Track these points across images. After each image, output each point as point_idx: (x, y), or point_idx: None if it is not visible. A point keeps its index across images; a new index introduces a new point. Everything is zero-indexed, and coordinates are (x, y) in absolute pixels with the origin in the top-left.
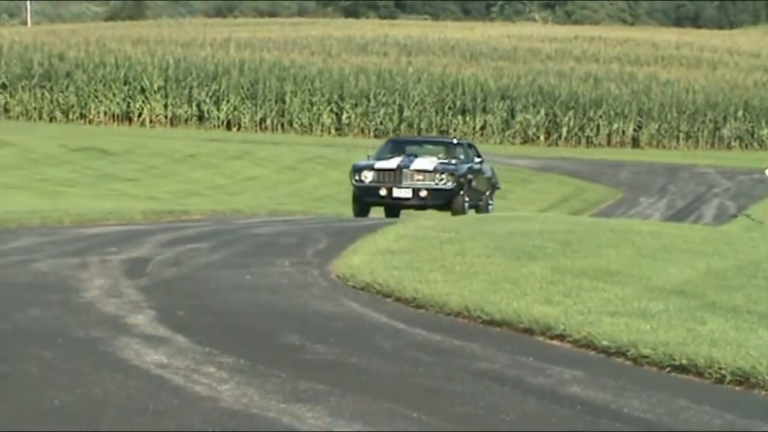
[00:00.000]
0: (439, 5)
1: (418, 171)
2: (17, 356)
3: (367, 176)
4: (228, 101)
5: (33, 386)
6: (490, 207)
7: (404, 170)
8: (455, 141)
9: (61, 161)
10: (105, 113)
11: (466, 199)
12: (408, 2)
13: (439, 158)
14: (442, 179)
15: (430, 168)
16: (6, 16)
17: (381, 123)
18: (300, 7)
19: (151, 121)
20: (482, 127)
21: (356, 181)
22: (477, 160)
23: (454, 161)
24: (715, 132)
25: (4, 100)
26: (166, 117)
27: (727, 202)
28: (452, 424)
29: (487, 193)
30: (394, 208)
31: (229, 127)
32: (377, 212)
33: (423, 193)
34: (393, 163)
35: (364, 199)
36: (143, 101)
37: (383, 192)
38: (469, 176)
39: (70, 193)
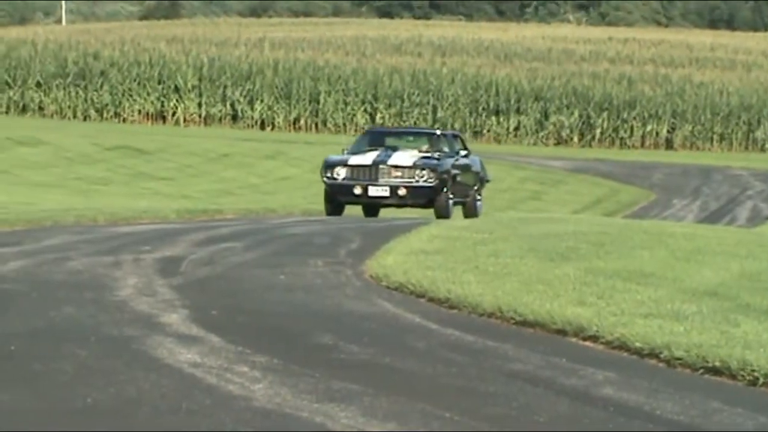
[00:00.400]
0: (473, 6)
1: (396, 167)
2: (51, 354)
3: (340, 173)
4: (262, 101)
5: (66, 384)
6: (478, 203)
7: (381, 166)
8: (438, 132)
9: (95, 160)
10: (139, 112)
11: (450, 196)
12: (442, 3)
13: (420, 152)
14: (422, 176)
15: (409, 163)
16: (41, 15)
17: (415, 123)
18: (334, 8)
19: (185, 120)
20: (516, 128)
21: (328, 178)
22: (463, 153)
23: (437, 155)
24: (749, 134)
25: (39, 98)
26: (200, 116)
27: (761, 204)
28: (485, 424)
29: (475, 188)
30: (371, 207)
31: (262, 126)
32: (354, 210)
33: (402, 192)
34: (368, 158)
35: (337, 198)
36: (177, 100)
37: (358, 190)
38: (454, 171)
39: (104, 192)
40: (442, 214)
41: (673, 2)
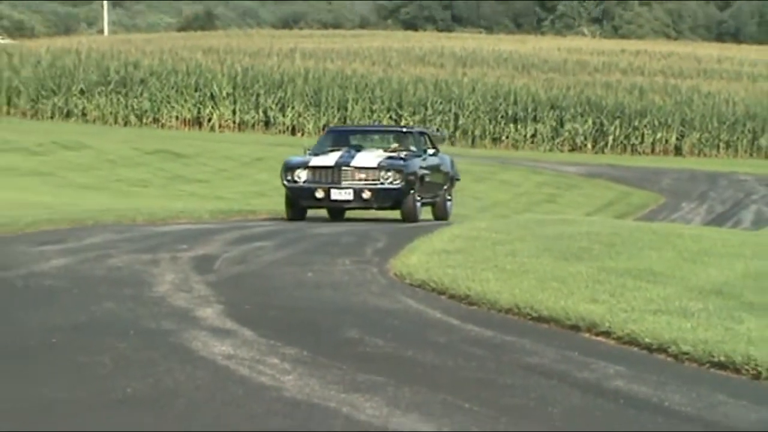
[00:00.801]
0: (492, 19)
1: (360, 168)
2: (93, 347)
3: (301, 175)
4: (293, 108)
5: (107, 375)
6: (448, 203)
7: (344, 168)
8: (405, 129)
9: (135, 163)
10: (177, 118)
11: (418, 198)
12: (464, 15)
13: (387, 151)
14: (388, 177)
15: (374, 164)
16: (85, 26)
17: (438, 130)
18: (362, 20)
19: (220, 126)
20: (533, 135)
21: (288, 181)
22: (431, 151)
23: (404, 154)
24: (753, 141)
25: (82, 104)
26: (234, 122)
27: (764, 208)
28: (503, 415)
29: (445, 188)
30: (335, 210)
31: (293, 132)
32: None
33: (366, 194)
34: (331, 159)
35: (298, 202)
36: (213, 107)
37: (320, 194)
38: (422, 172)
39: (143, 193)
40: (410, 217)
41: (682, 16)
